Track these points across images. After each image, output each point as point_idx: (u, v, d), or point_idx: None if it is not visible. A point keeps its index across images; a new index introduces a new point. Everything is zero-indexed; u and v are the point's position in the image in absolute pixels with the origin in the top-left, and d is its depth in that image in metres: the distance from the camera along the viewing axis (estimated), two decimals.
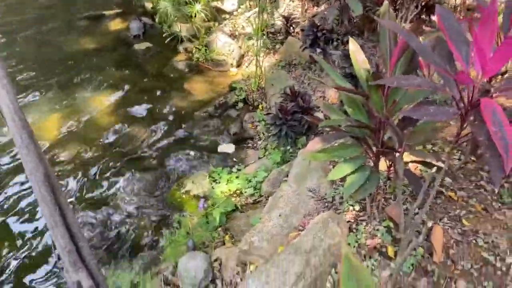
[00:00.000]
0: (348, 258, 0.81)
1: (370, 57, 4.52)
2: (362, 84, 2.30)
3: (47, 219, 1.28)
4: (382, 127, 2.26)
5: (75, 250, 1.37)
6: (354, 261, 0.81)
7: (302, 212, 2.89)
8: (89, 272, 1.42)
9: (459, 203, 2.60)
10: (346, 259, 0.81)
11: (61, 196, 1.33)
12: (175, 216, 3.38)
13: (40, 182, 1.20)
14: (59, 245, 1.31)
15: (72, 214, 1.37)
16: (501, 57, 1.57)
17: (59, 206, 1.31)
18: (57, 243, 1.31)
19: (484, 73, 1.59)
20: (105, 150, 4.34)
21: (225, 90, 5.39)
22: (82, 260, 1.42)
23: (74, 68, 5.76)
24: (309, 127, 3.84)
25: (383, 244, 2.43)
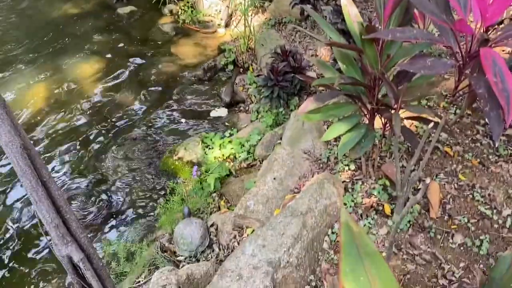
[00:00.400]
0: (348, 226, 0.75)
1: (362, 11, 4.37)
2: (355, 39, 2.20)
3: (30, 193, 1.22)
4: (377, 84, 2.18)
5: (63, 224, 1.32)
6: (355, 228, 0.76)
7: (297, 174, 2.86)
8: (79, 245, 1.38)
9: (455, 158, 2.57)
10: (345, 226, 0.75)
11: (43, 168, 1.26)
12: (168, 183, 3.34)
13: (17, 154, 1.13)
14: (45, 219, 1.26)
15: (56, 187, 1.30)
16: (501, 3, 1.48)
17: (41, 179, 1.24)
18: (43, 218, 1.25)
19: (483, 21, 1.50)
20: (92, 118, 4.24)
21: (213, 52, 5.24)
22: (71, 233, 1.37)
23: (57, 35, 5.54)
24: (301, 88, 3.75)
25: (380, 203, 2.42)
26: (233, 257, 2.20)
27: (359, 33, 2.09)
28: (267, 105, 3.79)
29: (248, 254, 2.17)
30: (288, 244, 2.17)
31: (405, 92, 1.92)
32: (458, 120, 2.79)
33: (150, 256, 2.73)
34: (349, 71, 2.30)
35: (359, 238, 0.73)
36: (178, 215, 2.98)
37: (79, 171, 3.68)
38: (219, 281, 2.09)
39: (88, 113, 4.31)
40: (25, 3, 6.36)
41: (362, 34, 2.01)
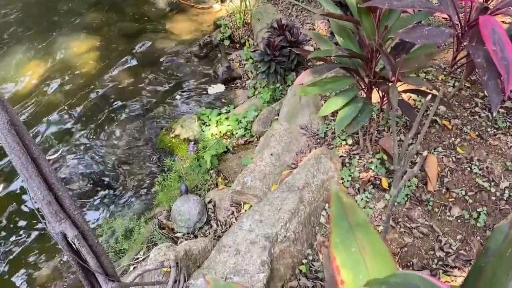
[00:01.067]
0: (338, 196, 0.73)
1: None
2: (353, 11, 2.15)
3: (20, 170, 1.20)
4: (374, 56, 2.14)
5: (55, 201, 1.30)
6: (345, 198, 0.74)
7: (295, 150, 2.84)
8: (73, 222, 1.37)
9: (453, 131, 2.55)
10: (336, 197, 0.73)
11: (33, 145, 1.24)
12: (166, 161, 3.32)
13: (5, 131, 1.11)
14: (37, 197, 1.24)
15: (47, 164, 1.28)
16: None
17: (31, 156, 1.22)
18: (35, 195, 1.24)
19: None
20: (88, 96, 4.19)
21: (209, 28, 5.14)
22: (64, 210, 1.36)
23: (48, 12, 5.42)
24: (298, 63, 3.69)
25: (377, 177, 2.41)
26: (230, 233, 2.21)
27: (355, 4, 2.03)
28: (264, 81, 3.75)
29: (246, 229, 2.17)
30: (285, 219, 2.17)
31: (403, 64, 1.88)
32: (456, 93, 2.75)
33: (148, 233, 2.74)
34: (346, 44, 2.26)
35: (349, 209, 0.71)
36: (175, 192, 2.97)
37: (74, 149, 3.66)
38: (217, 256, 2.10)
39: (81, 91, 4.25)
40: None
41: (358, 3, 1.95)
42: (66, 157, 3.59)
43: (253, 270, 1.97)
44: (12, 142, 1.16)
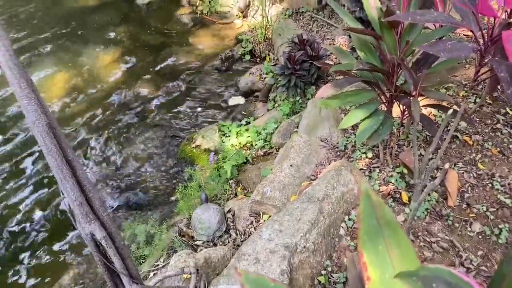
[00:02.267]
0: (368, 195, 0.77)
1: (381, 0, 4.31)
2: (374, 26, 2.19)
3: (55, 172, 1.26)
4: (396, 70, 2.17)
5: (86, 202, 1.36)
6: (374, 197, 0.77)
7: (314, 162, 2.87)
8: (102, 223, 1.42)
9: (474, 147, 2.54)
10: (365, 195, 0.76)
11: (68, 147, 1.30)
12: (186, 170, 3.39)
13: (44, 133, 1.17)
14: (70, 198, 1.30)
15: (80, 166, 1.35)
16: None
17: (66, 158, 1.28)
18: (68, 196, 1.30)
19: (506, 4, 1.48)
20: (113, 107, 4.32)
21: (231, 42, 5.25)
22: (94, 211, 1.41)
23: (77, 25, 5.64)
24: (318, 77, 3.74)
25: (397, 190, 2.41)
26: (250, 241, 2.23)
27: (377, 19, 2.08)
28: (284, 94, 3.80)
29: (265, 239, 2.20)
30: (305, 229, 2.19)
31: (424, 78, 1.91)
32: (478, 109, 2.75)
33: (169, 240, 2.78)
34: (367, 58, 2.29)
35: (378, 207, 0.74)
36: (195, 201, 3.02)
37: (99, 157, 3.76)
38: (236, 264, 2.13)
39: (105, 101, 4.38)
40: None
41: (381, 19, 2.00)
42: (89, 164, 3.69)
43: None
44: (50, 144, 1.23)
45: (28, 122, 1.19)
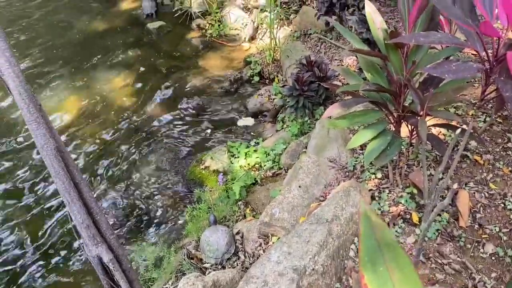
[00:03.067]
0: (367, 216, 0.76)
1: (388, 21, 4.36)
2: (380, 47, 2.21)
3: (63, 194, 1.27)
4: (403, 90, 2.17)
5: (93, 225, 1.37)
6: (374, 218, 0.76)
7: (323, 183, 2.86)
8: (109, 246, 1.43)
9: (485, 167, 2.51)
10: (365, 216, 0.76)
11: (76, 170, 1.32)
12: (195, 191, 3.39)
13: (52, 156, 1.19)
14: (77, 220, 1.32)
15: (87, 189, 1.36)
16: None
17: (74, 181, 1.30)
18: (75, 219, 1.31)
19: (510, 24, 1.49)
20: (123, 129, 4.37)
21: (240, 64, 5.32)
22: (101, 234, 1.42)
23: (88, 50, 5.76)
24: (326, 97, 3.76)
25: (407, 211, 2.39)
26: (258, 264, 2.21)
27: (383, 40, 2.10)
28: (292, 115, 3.82)
29: (274, 261, 2.17)
30: (314, 251, 2.16)
31: (431, 98, 1.91)
32: (488, 128, 2.73)
33: (177, 262, 2.77)
34: (374, 79, 2.30)
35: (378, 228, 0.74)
36: (204, 222, 3.02)
37: (110, 179, 3.80)
38: (244, 287, 2.10)
39: (118, 124, 4.44)
40: (60, 17, 6.65)
41: (386, 40, 2.01)
42: (99, 186, 3.72)
43: None
44: (57, 168, 1.25)
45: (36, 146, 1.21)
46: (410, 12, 1.99)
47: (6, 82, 1.06)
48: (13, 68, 1.00)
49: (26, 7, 6.94)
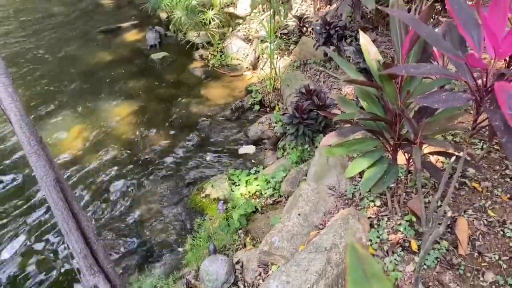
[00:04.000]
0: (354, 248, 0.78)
1: (385, 50, 4.45)
2: (375, 76, 2.26)
3: (61, 224, 1.30)
4: (398, 119, 2.21)
5: (91, 254, 1.39)
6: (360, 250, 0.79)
7: (322, 210, 2.86)
8: (106, 276, 1.44)
9: (484, 194, 2.52)
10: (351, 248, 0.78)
11: (74, 201, 1.35)
12: (196, 220, 3.40)
13: (51, 187, 1.22)
14: (75, 250, 1.34)
15: (85, 219, 1.39)
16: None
17: (72, 211, 1.33)
18: (73, 248, 1.33)
19: (497, 55, 1.54)
20: (125, 158, 4.41)
21: (241, 93, 5.41)
22: (98, 264, 1.43)
23: (93, 80, 5.89)
24: (326, 125, 3.80)
25: (406, 239, 2.38)
26: None
27: (377, 70, 2.15)
28: (293, 142, 3.86)
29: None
30: (312, 280, 2.15)
31: (425, 127, 1.94)
32: (485, 155, 2.75)
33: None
34: (370, 108, 2.34)
35: (364, 260, 0.75)
36: (204, 251, 3.01)
37: (109, 207, 3.81)
38: None
39: (120, 152, 4.49)
40: (67, 48, 6.83)
41: (380, 71, 2.07)
42: (100, 213, 3.73)
43: None
44: (56, 198, 1.28)
45: (36, 177, 1.25)
46: (403, 44, 2.05)
47: (8, 116, 1.11)
48: (15, 103, 1.05)
49: (35, 40, 7.14)
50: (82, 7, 8.49)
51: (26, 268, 3.30)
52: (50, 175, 1.21)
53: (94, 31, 7.45)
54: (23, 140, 1.12)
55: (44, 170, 1.18)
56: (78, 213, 1.34)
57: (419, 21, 1.74)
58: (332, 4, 5.87)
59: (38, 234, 3.58)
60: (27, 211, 3.83)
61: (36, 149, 1.13)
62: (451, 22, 1.88)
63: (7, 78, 1.07)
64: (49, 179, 1.20)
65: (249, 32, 6.42)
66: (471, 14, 1.69)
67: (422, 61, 2.11)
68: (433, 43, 1.67)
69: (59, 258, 3.36)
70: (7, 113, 1.06)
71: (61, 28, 7.58)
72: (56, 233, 3.50)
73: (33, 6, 8.63)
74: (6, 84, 1.03)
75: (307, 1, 6.31)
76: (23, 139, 1.11)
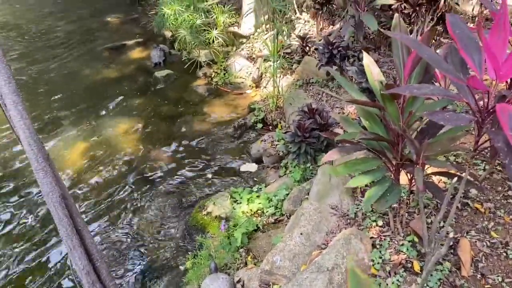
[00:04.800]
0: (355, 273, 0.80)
1: (388, 71, 4.49)
2: (378, 97, 2.29)
3: (65, 240, 1.30)
4: (400, 140, 2.23)
5: (93, 271, 1.39)
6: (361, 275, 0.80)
7: (325, 230, 2.85)
8: None
9: (486, 215, 2.51)
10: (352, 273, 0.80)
11: (79, 217, 1.36)
12: (197, 238, 3.39)
13: (56, 203, 1.23)
14: (77, 266, 1.34)
15: (89, 235, 1.39)
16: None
17: (76, 227, 1.33)
18: (75, 264, 1.33)
19: (498, 77, 1.56)
20: (127, 175, 4.42)
21: (244, 111, 5.45)
22: (101, 281, 1.43)
23: (97, 97, 5.95)
24: (328, 144, 3.81)
25: (409, 260, 2.37)
26: None
27: (380, 91, 2.17)
28: (295, 161, 3.86)
29: None
30: None
31: (427, 148, 1.95)
32: (488, 176, 2.75)
33: None
34: (372, 128, 2.36)
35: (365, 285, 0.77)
36: (205, 270, 2.99)
37: (111, 224, 3.80)
38: None
39: (122, 169, 4.50)
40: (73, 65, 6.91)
41: (382, 91, 2.09)
42: (101, 229, 3.72)
43: None
44: (61, 215, 1.29)
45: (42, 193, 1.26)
46: (405, 65, 2.08)
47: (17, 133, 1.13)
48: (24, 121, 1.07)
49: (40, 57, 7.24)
50: (89, 25, 8.62)
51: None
52: (56, 192, 1.22)
53: (99, 48, 7.55)
54: (31, 157, 1.14)
55: (50, 186, 1.19)
56: (82, 230, 1.35)
57: (421, 43, 1.77)
58: (335, 24, 5.96)
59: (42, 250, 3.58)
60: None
61: (44, 165, 1.15)
62: (452, 44, 1.91)
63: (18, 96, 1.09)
64: (55, 195, 1.21)
65: (252, 51, 6.50)
66: (472, 37, 1.72)
67: (424, 82, 2.14)
68: (435, 65, 1.69)
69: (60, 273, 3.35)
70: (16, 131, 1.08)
71: (67, 45, 7.69)
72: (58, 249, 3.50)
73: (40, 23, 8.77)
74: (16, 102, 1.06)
75: (310, 21, 6.40)
76: (31, 156, 1.13)
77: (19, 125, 1.07)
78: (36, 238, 3.70)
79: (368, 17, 4.21)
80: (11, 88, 1.08)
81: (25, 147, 1.13)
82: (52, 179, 1.20)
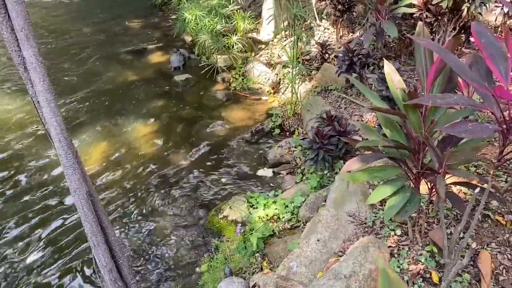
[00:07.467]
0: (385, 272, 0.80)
1: (408, 79, 4.46)
2: (399, 105, 2.28)
3: (90, 237, 1.33)
4: (421, 148, 2.21)
5: (116, 268, 1.41)
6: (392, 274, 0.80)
7: (342, 237, 2.84)
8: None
9: (508, 227, 2.47)
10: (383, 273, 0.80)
11: (104, 215, 1.38)
12: (213, 241, 3.40)
13: (83, 200, 1.26)
14: (100, 263, 1.36)
15: (113, 233, 1.42)
16: None
17: (101, 225, 1.36)
18: (98, 261, 1.36)
19: None
20: (145, 177, 4.48)
21: (261, 117, 5.47)
22: (122, 278, 1.45)
23: (117, 100, 6.04)
24: (346, 151, 3.80)
25: (427, 270, 2.34)
26: None
27: (402, 99, 2.17)
28: (312, 167, 3.86)
29: None
30: None
31: (450, 157, 1.94)
32: (510, 188, 2.70)
33: None
34: (393, 136, 2.35)
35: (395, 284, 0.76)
36: (221, 273, 3.00)
37: (128, 226, 3.84)
38: None
39: (140, 171, 4.56)
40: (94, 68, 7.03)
41: (404, 99, 2.08)
42: (118, 231, 3.76)
43: None
44: (87, 211, 1.32)
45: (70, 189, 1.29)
46: (428, 74, 2.07)
47: (48, 130, 1.16)
48: (56, 118, 1.11)
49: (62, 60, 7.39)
50: (111, 29, 8.77)
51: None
52: (83, 189, 1.25)
53: (120, 51, 7.67)
54: (61, 154, 1.17)
55: (78, 183, 1.22)
56: (106, 227, 1.37)
57: (447, 50, 1.76)
58: (355, 32, 5.95)
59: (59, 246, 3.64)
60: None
61: (72, 162, 1.18)
62: (477, 54, 1.89)
63: (50, 94, 1.13)
64: (82, 192, 1.24)
65: (271, 57, 6.53)
66: (499, 46, 1.71)
67: (446, 91, 2.13)
68: (460, 73, 1.68)
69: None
70: (47, 127, 1.11)
71: (89, 47, 7.83)
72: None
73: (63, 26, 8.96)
74: (49, 99, 1.09)
75: (329, 28, 6.41)
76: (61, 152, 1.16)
77: (51, 122, 1.10)
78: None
79: (388, 25, 4.19)
80: (45, 86, 1.11)
81: (56, 144, 1.16)
82: (80, 176, 1.23)
